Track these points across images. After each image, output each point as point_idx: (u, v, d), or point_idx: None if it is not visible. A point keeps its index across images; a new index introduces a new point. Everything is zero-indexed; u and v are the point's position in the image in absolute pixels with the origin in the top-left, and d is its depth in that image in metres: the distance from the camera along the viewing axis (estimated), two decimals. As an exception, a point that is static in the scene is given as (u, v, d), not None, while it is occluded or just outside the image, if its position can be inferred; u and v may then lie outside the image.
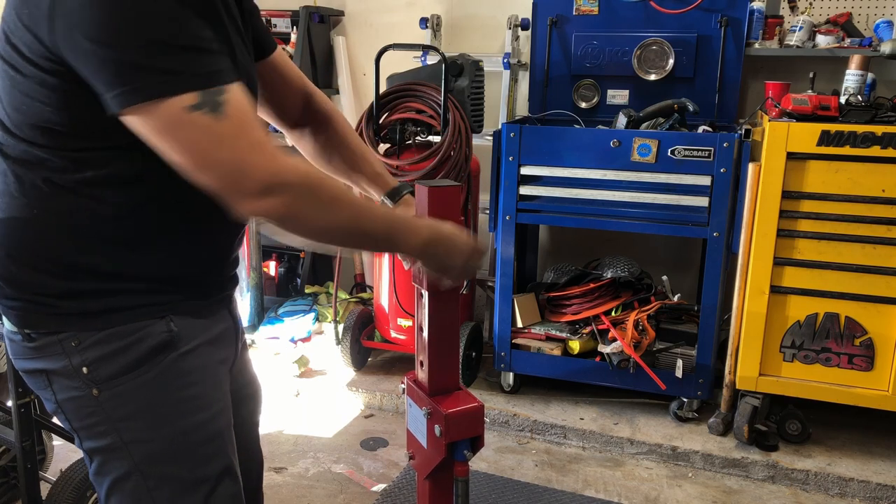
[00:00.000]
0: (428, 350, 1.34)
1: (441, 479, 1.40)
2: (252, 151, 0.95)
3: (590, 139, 2.88)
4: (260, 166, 0.95)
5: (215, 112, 0.94)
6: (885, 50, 2.84)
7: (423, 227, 1.18)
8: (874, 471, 2.69)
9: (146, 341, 1.08)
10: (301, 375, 3.45)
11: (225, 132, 0.94)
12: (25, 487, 1.96)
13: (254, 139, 0.96)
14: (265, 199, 0.96)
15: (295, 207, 0.99)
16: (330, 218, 1.03)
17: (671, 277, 3.16)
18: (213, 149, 0.94)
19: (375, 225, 1.10)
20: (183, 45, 0.93)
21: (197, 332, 1.15)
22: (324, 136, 1.42)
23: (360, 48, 4.02)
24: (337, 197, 1.04)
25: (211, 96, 0.94)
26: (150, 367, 1.09)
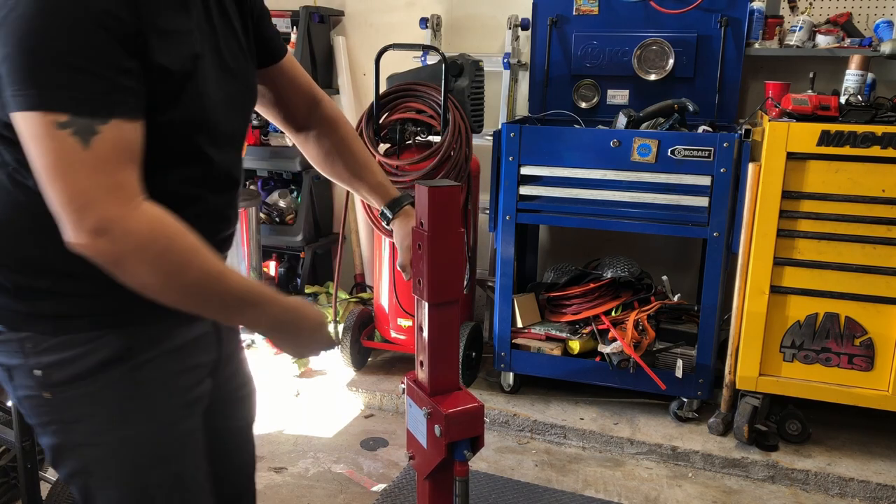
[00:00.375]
0: (428, 350, 1.34)
1: (441, 479, 1.40)
2: (102, 192, 0.94)
3: (590, 139, 2.88)
4: (103, 209, 0.94)
5: (83, 139, 0.93)
6: (885, 50, 2.84)
7: (273, 310, 1.12)
8: (874, 471, 2.69)
9: (98, 353, 1.09)
10: (301, 375, 3.45)
11: (84, 163, 0.93)
12: (25, 487, 1.96)
13: (109, 181, 0.94)
14: (96, 240, 0.94)
15: (124, 259, 0.97)
16: (163, 280, 1.00)
17: (671, 277, 3.16)
18: (66, 172, 0.93)
19: (222, 297, 1.06)
20: (76, 66, 0.92)
21: (157, 340, 1.14)
22: (328, 142, 1.44)
23: (360, 48, 4.02)
24: (183, 263, 1.00)
25: (84, 121, 0.93)
26: (100, 379, 1.10)
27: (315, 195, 3.97)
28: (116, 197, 0.95)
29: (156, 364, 1.14)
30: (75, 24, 0.92)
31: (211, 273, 1.03)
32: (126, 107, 0.97)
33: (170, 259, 0.99)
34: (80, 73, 0.93)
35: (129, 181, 0.97)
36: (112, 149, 0.95)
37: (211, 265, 1.03)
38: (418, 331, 1.37)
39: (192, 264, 1.01)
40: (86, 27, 0.92)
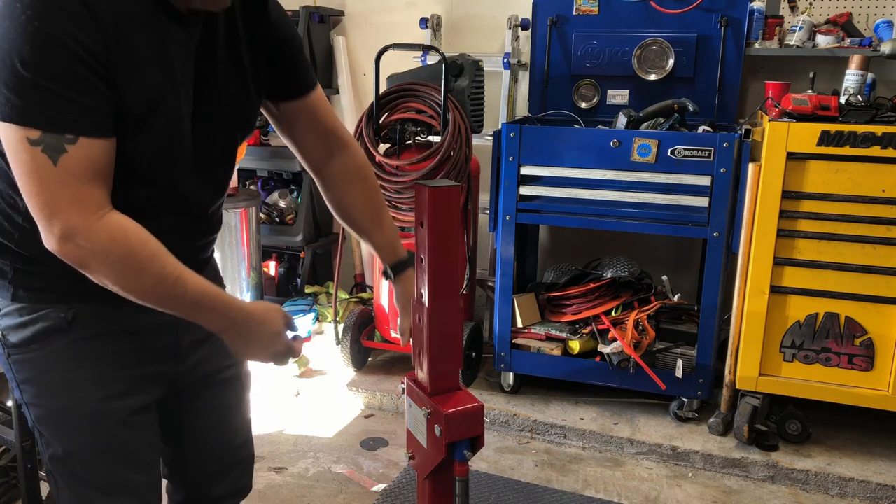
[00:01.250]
0: (428, 350, 1.34)
1: (441, 479, 1.40)
2: (68, 204, 1.06)
3: (590, 139, 2.88)
4: (69, 219, 1.06)
5: (52, 155, 1.04)
6: (885, 50, 2.84)
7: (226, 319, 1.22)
8: (874, 471, 2.69)
9: (41, 322, 1.24)
10: (301, 375, 3.45)
11: (53, 177, 1.05)
12: (25, 487, 1.96)
13: (74, 194, 1.06)
14: (63, 245, 1.08)
15: (87, 262, 1.10)
16: (122, 282, 1.13)
17: (671, 277, 3.16)
18: (39, 185, 1.06)
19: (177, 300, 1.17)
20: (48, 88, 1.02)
21: (103, 319, 1.26)
22: (349, 195, 1.49)
23: (360, 48, 4.02)
24: (141, 268, 1.12)
25: (54, 140, 1.04)
26: (43, 346, 1.25)
27: (315, 195, 3.97)
28: (81, 208, 1.07)
29: (100, 341, 1.27)
30: (50, 50, 1.01)
31: (167, 278, 1.14)
32: (94, 127, 1.07)
33: (128, 264, 1.12)
34: (52, 94, 1.03)
35: (94, 194, 1.08)
36: (79, 165, 1.06)
37: (168, 271, 1.14)
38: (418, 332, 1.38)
39: (149, 270, 1.13)
40: (59, 53, 1.02)
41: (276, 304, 1.32)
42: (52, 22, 1.01)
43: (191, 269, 1.19)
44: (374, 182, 1.54)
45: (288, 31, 1.36)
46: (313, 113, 1.43)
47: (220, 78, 1.26)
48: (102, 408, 1.29)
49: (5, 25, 1.02)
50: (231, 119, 1.31)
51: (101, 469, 1.32)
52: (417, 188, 1.30)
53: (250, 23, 1.30)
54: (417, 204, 1.31)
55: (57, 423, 1.29)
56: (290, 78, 1.39)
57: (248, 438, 1.62)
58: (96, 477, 1.32)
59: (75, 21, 1.02)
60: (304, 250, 4.01)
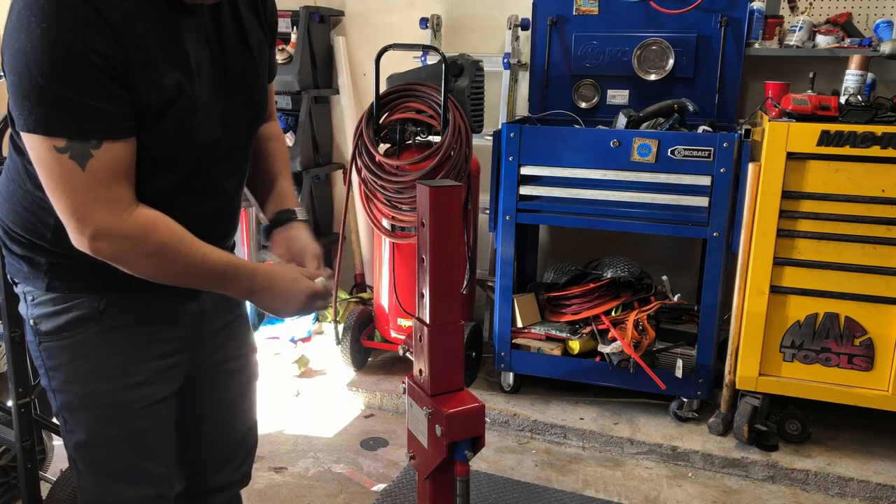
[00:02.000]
0: (429, 350, 1.34)
1: (441, 479, 1.40)
2: (98, 205, 1.12)
3: (590, 139, 2.88)
4: (99, 219, 1.13)
5: (80, 162, 1.09)
6: (885, 50, 2.85)
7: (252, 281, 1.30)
8: (874, 471, 2.69)
9: (74, 311, 1.29)
10: (301, 375, 3.45)
11: (82, 182, 1.10)
12: (25, 487, 1.96)
13: (104, 196, 1.12)
14: (96, 243, 1.14)
15: (121, 257, 1.17)
16: (156, 269, 1.21)
17: (671, 277, 3.16)
18: (68, 191, 1.11)
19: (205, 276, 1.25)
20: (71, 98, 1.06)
21: (130, 310, 1.32)
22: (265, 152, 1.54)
23: (360, 48, 4.02)
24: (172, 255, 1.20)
25: (79, 146, 1.09)
26: (75, 334, 1.30)
27: (315, 195, 3.97)
28: (111, 209, 1.13)
29: (129, 330, 1.32)
30: (68, 60, 1.05)
31: (195, 259, 1.22)
32: (116, 131, 1.12)
33: (161, 253, 1.19)
34: (73, 103, 1.07)
35: (122, 194, 1.14)
36: (105, 169, 1.11)
37: (195, 252, 1.22)
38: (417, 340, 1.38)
39: (178, 255, 1.20)
40: (77, 62, 1.05)
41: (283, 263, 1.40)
42: (67, 32, 1.04)
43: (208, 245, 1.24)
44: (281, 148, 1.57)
45: (274, 18, 1.43)
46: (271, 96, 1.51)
47: (233, 63, 1.30)
48: (127, 396, 1.34)
49: (21, 39, 1.05)
50: (247, 103, 1.36)
51: (121, 457, 1.37)
52: (419, 188, 1.30)
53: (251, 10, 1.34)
54: (419, 204, 1.31)
55: (82, 409, 1.35)
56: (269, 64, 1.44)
57: (251, 430, 1.65)
58: (116, 464, 1.37)
59: (90, 29, 1.05)
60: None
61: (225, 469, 1.61)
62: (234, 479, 1.64)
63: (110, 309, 1.30)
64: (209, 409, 1.54)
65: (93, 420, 1.35)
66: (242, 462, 1.65)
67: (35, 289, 1.31)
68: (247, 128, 1.39)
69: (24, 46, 1.04)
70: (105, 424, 1.35)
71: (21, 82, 1.06)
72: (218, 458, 1.60)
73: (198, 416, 1.54)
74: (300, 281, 1.34)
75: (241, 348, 1.56)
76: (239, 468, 1.64)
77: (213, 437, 1.57)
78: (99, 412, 1.35)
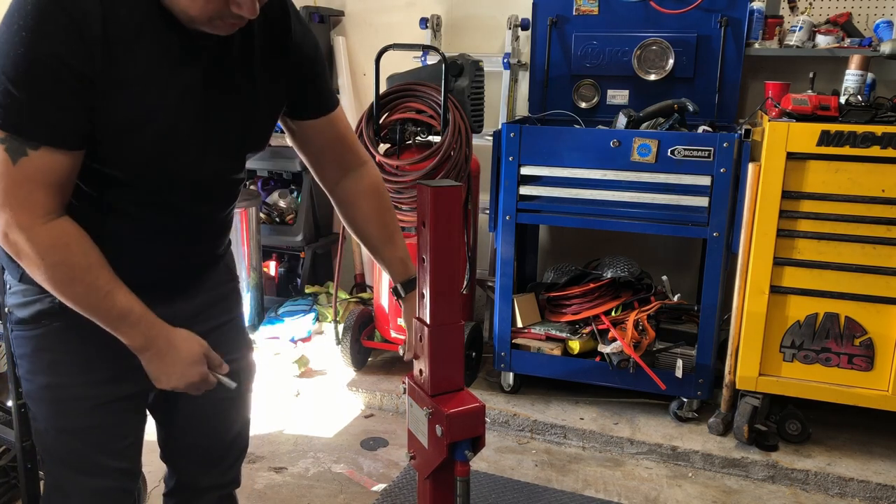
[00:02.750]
0: (428, 350, 1.34)
1: (442, 479, 1.40)
2: (17, 202, 1.13)
3: (590, 139, 2.88)
4: (13, 215, 1.14)
5: (12, 156, 1.11)
6: (885, 50, 2.85)
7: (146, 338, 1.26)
8: (874, 471, 2.69)
9: (38, 305, 1.32)
10: (301, 375, 3.45)
11: (10, 175, 1.12)
12: (25, 487, 1.95)
13: (25, 195, 1.13)
14: (7, 236, 1.16)
15: (21, 258, 1.18)
16: (53, 284, 1.20)
17: (671, 277, 3.16)
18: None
19: (100, 311, 1.23)
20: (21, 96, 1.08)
21: None
22: (362, 211, 1.53)
23: (360, 48, 4.02)
24: (73, 276, 1.19)
25: (17, 143, 1.10)
26: (39, 326, 1.33)
27: (315, 195, 3.97)
28: (28, 210, 1.14)
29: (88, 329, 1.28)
30: (36, 66, 1.07)
31: (99, 290, 1.21)
32: (59, 139, 1.12)
33: (61, 270, 1.18)
34: (24, 103, 1.09)
35: (44, 200, 1.14)
36: (36, 171, 1.12)
37: (100, 283, 1.21)
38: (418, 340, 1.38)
39: (81, 279, 1.19)
40: (44, 71, 1.08)
41: (199, 338, 1.34)
42: (40, 39, 1.06)
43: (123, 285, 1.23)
44: (388, 200, 1.56)
45: (310, 51, 1.38)
46: (331, 133, 1.47)
47: (231, 94, 1.28)
48: (84, 392, 1.36)
49: (2, 33, 1.08)
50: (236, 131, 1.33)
51: (76, 449, 1.39)
52: (419, 188, 1.30)
53: (270, 42, 1.31)
54: (419, 204, 1.31)
55: (40, 400, 1.38)
56: (310, 98, 1.41)
57: (242, 434, 1.63)
58: (71, 456, 1.40)
59: (64, 41, 1.07)
60: (304, 250, 4.00)
61: (214, 470, 1.60)
62: (224, 480, 1.63)
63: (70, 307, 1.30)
64: (197, 409, 1.52)
65: (49, 411, 1.38)
66: (232, 465, 1.63)
67: (12, 278, 1.35)
68: (236, 162, 1.38)
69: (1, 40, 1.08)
70: (60, 417, 1.38)
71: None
72: (206, 459, 1.59)
73: (187, 414, 1.53)
74: (196, 367, 1.31)
75: (233, 351, 1.52)
76: (228, 470, 1.62)
77: (202, 436, 1.56)
78: (54, 405, 1.38)
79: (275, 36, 1.31)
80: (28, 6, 1.06)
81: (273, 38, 1.31)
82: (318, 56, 1.41)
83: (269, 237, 3.96)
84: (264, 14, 1.24)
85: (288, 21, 1.33)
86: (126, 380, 1.37)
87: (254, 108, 1.33)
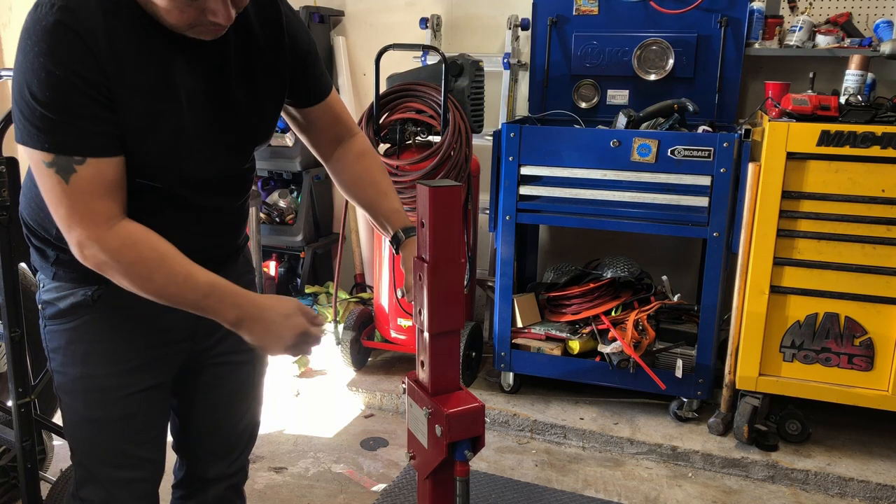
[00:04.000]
0: (429, 350, 1.34)
1: (441, 479, 1.39)
2: (80, 218, 1.20)
3: (590, 139, 2.88)
4: (81, 231, 1.20)
5: (64, 176, 1.18)
6: (885, 50, 2.84)
7: (238, 306, 1.30)
8: (874, 471, 2.69)
9: (71, 298, 1.38)
10: (301, 375, 3.45)
11: (66, 194, 1.19)
12: (25, 487, 1.96)
13: (85, 209, 1.19)
14: (80, 252, 1.22)
15: (101, 268, 1.23)
16: (134, 283, 1.25)
17: (671, 277, 3.16)
18: (55, 201, 1.21)
19: (187, 296, 1.27)
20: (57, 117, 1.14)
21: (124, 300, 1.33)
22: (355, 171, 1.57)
23: (360, 48, 4.02)
24: (149, 270, 1.24)
25: (64, 161, 1.17)
26: (71, 320, 1.39)
27: (315, 195, 3.97)
28: (92, 221, 1.20)
29: (121, 320, 1.39)
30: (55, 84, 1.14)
31: (176, 276, 1.25)
32: (101, 149, 1.19)
33: (138, 268, 1.24)
34: (59, 123, 1.15)
35: (103, 208, 1.21)
36: (88, 184, 1.19)
37: (176, 269, 1.25)
38: (419, 331, 1.38)
39: (158, 271, 1.24)
40: (63, 87, 1.14)
41: (291, 297, 1.36)
42: (56, 59, 1.13)
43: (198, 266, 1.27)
44: (379, 162, 1.61)
45: (304, 43, 1.44)
46: (329, 115, 1.54)
47: (231, 91, 1.33)
48: (117, 381, 1.41)
49: (20, 60, 1.15)
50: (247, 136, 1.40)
51: (107, 439, 1.44)
52: (419, 188, 1.30)
53: (267, 38, 1.36)
54: (419, 204, 1.31)
55: (75, 391, 1.43)
56: (308, 87, 1.47)
57: (252, 426, 1.68)
58: (105, 446, 1.45)
59: (76, 57, 1.14)
60: (304, 250, 4.00)
61: (222, 461, 1.64)
62: (230, 471, 1.66)
63: (104, 299, 1.37)
64: (209, 399, 1.57)
65: (83, 402, 1.43)
66: (238, 456, 1.67)
67: (45, 276, 1.41)
68: (243, 156, 1.44)
69: (20, 67, 1.15)
70: (94, 407, 1.42)
71: (18, 100, 1.16)
72: (215, 449, 1.63)
73: (199, 404, 1.58)
74: (294, 318, 1.33)
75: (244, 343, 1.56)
76: (234, 461, 1.66)
77: (212, 427, 1.61)
78: (89, 395, 1.42)
79: (271, 32, 1.36)
80: (38, 30, 1.13)
81: (270, 34, 1.36)
82: (312, 45, 1.47)
83: (269, 237, 3.96)
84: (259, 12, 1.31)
85: (280, 16, 1.38)
86: (156, 368, 1.44)
87: (257, 104, 1.38)
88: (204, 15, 1.18)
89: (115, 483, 1.46)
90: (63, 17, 1.13)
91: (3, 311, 1.85)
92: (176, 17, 1.17)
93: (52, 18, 1.13)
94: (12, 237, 1.79)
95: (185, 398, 1.57)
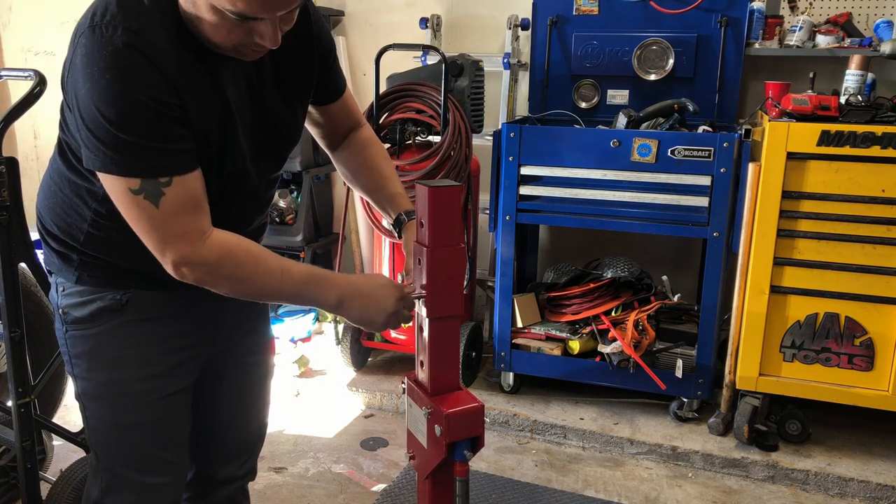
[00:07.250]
0: (428, 350, 1.34)
1: (441, 479, 1.40)
2: (175, 238, 1.21)
3: (590, 139, 2.88)
4: (177, 250, 1.21)
5: (154, 200, 1.18)
6: (885, 50, 2.84)
7: (337, 287, 1.33)
8: (874, 471, 2.69)
9: (98, 303, 1.37)
10: (301, 375, 3.45)
11: (157, 218, 1.19)
12: (25, 487, 1.96)
13: (179, 229, 1.21)
14: (178, 271, 1.23)
15: (204, 281, 1.25)
16: (237, 289, 1.28)
17: (671, 277, 3.16)
18: (146, 227, 1.21)
19: (287, 289, 1.30)
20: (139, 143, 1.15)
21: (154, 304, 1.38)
22: (359, 161, 1.60)
23: (360, 48, 4.02)
24: (249, 274, 1.27)
25: (151, 185, 1.17)
26: (98, 324, 1.38)
27: (315, 195, 3.97)
28: (186, 240, 1.21)
29: (150, 323, 1.38)
30: (133, 109, 1.13)
31: (274, 276, 1.28)
32: (184, 166, 1.20)
33: (238, 274, 1.26)
34: (142, 147, 1.15)
35: (195, 224, 1.22)
36: (177, 203, 1.20)
37: (273, 267, 1.28)
38: (418, 331, 1.38)
39: (257, 272, 1.27)
40: (141, 111, 1.14)
41: (381, 274, 1.40)
42: (130, 85, 1.12)
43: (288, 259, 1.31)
44: (383, 149, 1.64)
45: (328, 43, 1.46)
46: (344, 110, 1.57)
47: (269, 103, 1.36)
48: (145, 386, 1.41)
49: (87, 87, 1.13)
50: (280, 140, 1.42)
51: (138, 445, 1.44)
52: (418, 188, 1.30)
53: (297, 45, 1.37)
54: (418, 204, 1.31)
55: (102, 397, 1.42)
56: (329, 86, 1.50)
57: (262, 427, 1.70)
58: (132, 452, 1.44)
59: (150, 81, 1.14)
60: (304, 250, 4.00)
61: (232, 462, 1.65)
62: (240, 473, 1.68)
63: (132, 303, 1.37)
64: (223, 400, 1.59)
65: (111, 408, 1.42)
66: (249, 457, 1.68)
67: (66, 280, 1.39)
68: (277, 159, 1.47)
69: (90, 94, 1.13)
70: (123, 412, 1.42)
71: (94, 128, 1.14)
72: (227, 450, 1.64)
73: (212, 406, 1.59)
74: (388, 288, 1.35)
75: (260, 343, 1.62)
76: (245, 463, 1.68)
77: (225, 428, 1.62)
78: (117, 400, 1.41)
79: (302, 36, 1.37)
80: (106, 55, 1.11)
81: (301, 38, 1.37)
82: (333, 44, 1.49)
83: (268, 237, 3.94)
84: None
85: (310, 21, 1.39)
86: (181, 372, 1.44)
87: (289, 107, 1.40)
88: (251, 36, 1.17)
89: (145, 488, 1.45)
90: (131, 39, 1.12)
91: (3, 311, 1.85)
92: (223, 36, 1.16)
93: (120, 42, 1.11)
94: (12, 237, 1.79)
95: (200, 400, 1.57)
